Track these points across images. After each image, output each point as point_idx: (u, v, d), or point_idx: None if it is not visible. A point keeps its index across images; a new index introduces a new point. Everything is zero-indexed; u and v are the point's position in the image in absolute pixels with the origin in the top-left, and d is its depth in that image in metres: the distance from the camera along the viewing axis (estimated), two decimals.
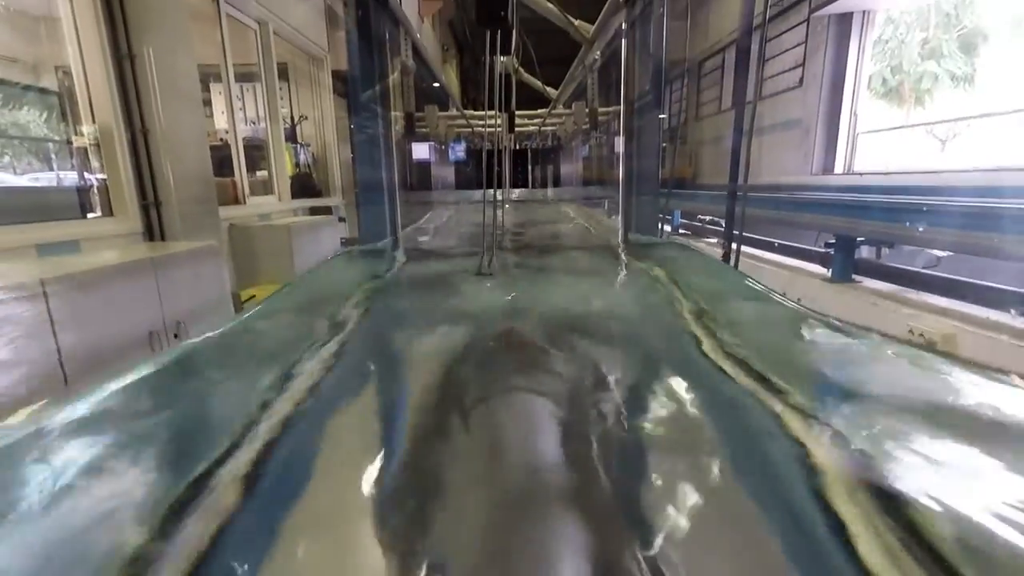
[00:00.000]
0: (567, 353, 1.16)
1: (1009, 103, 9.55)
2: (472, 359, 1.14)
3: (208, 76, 3.88)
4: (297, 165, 5.07)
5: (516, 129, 4.68)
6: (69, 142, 3.02)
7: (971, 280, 2.65)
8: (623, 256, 2.52)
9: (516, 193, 9.49)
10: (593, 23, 3.61)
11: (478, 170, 10.89)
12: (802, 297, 3.21)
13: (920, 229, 2.43)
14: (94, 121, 2.56)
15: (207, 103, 4.12)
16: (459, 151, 8.76)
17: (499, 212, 2.53)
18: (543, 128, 8.02)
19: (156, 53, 2.58)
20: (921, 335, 2.30)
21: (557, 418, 0.86)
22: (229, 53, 3.68)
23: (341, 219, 5.21)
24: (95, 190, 2.69)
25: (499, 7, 1.43)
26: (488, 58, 1.88)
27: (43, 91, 3.86)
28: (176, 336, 2.27)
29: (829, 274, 3.23)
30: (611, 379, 1.04)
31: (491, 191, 2.39)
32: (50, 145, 4.23)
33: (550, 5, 3.53)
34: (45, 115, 3.99)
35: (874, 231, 2.87)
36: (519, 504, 0.62)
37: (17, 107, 4.11)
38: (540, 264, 2.35)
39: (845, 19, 5.09)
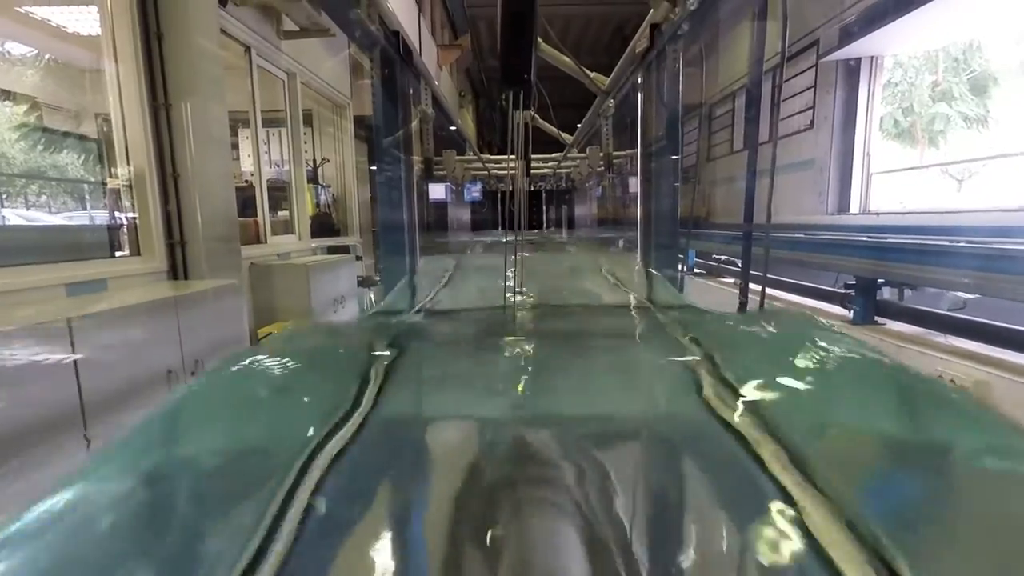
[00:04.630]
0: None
1: None
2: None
3: (237, 122, 4.06)
4: (317, 205, 5.21)
5: (531, 172, 4.77)
6: (103, 184, 3.15)
7: (1004, 324, 2.56)
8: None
9: (530, 236, 9.49)
10: (606, 73, 3.74)
11: (493, 211, 11.07)
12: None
13: (946, 270, 2.38)
14: (128, 164, 2.68)
15: (234, 146, 4.29)
16: (475, 192, 8.94)
17: (519, 271, 2.42)
18: (558, 171, 8.17)
19: (191, 104, 2.72)
20: (952, 381, 2.21)
21: None
22: (258, 102, 3.86)
23: (358, 258, 5.30)
24: (124, 229, 2.78)
25: (523, 71, 1.49)
26: (510, 113, 1.94)
27: (82, 137, 4.07)
28: (194, 375, 2.28)
29: (850, 316, 3.16)
30: None
31: (510, 241, 2.30)
32: (84, 186, 4.42)
33: (567, 59, 3.67)
34: (82, 158, 4.19)
35: (897, 272, 2.82)
36: None
37: (57, 151, 4.33)
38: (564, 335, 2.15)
39: (854, 64, 5.19)
